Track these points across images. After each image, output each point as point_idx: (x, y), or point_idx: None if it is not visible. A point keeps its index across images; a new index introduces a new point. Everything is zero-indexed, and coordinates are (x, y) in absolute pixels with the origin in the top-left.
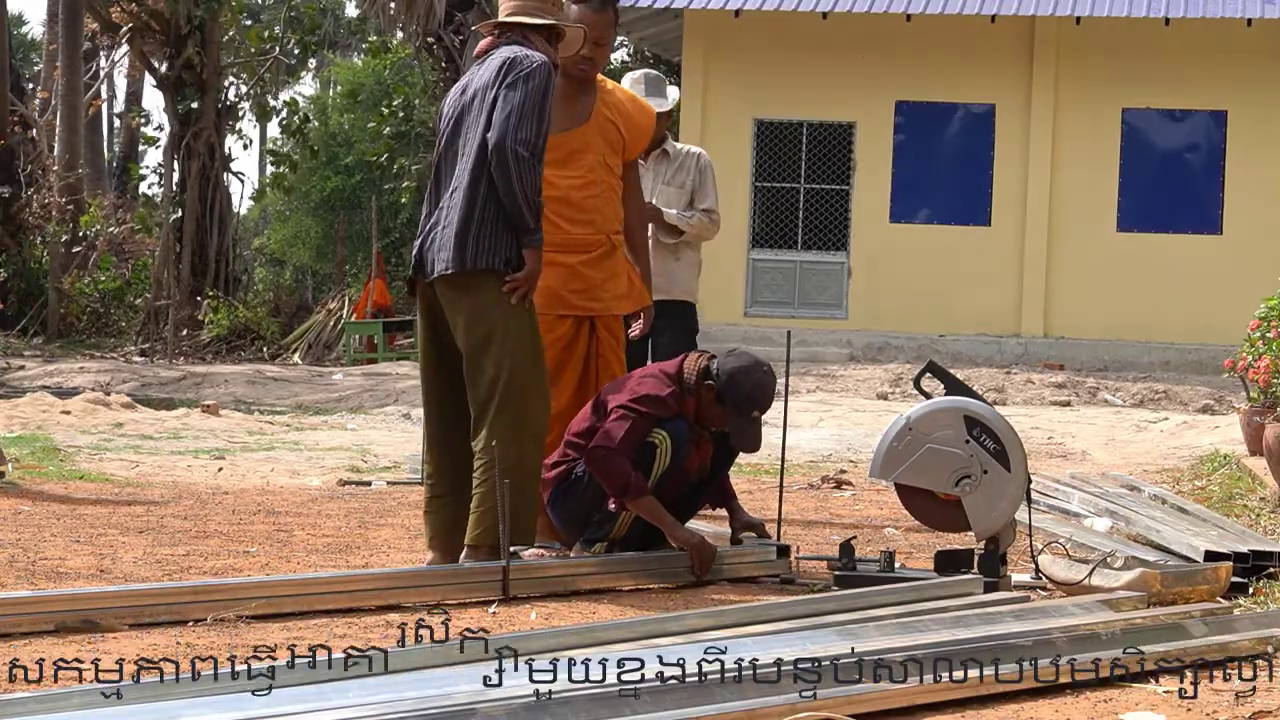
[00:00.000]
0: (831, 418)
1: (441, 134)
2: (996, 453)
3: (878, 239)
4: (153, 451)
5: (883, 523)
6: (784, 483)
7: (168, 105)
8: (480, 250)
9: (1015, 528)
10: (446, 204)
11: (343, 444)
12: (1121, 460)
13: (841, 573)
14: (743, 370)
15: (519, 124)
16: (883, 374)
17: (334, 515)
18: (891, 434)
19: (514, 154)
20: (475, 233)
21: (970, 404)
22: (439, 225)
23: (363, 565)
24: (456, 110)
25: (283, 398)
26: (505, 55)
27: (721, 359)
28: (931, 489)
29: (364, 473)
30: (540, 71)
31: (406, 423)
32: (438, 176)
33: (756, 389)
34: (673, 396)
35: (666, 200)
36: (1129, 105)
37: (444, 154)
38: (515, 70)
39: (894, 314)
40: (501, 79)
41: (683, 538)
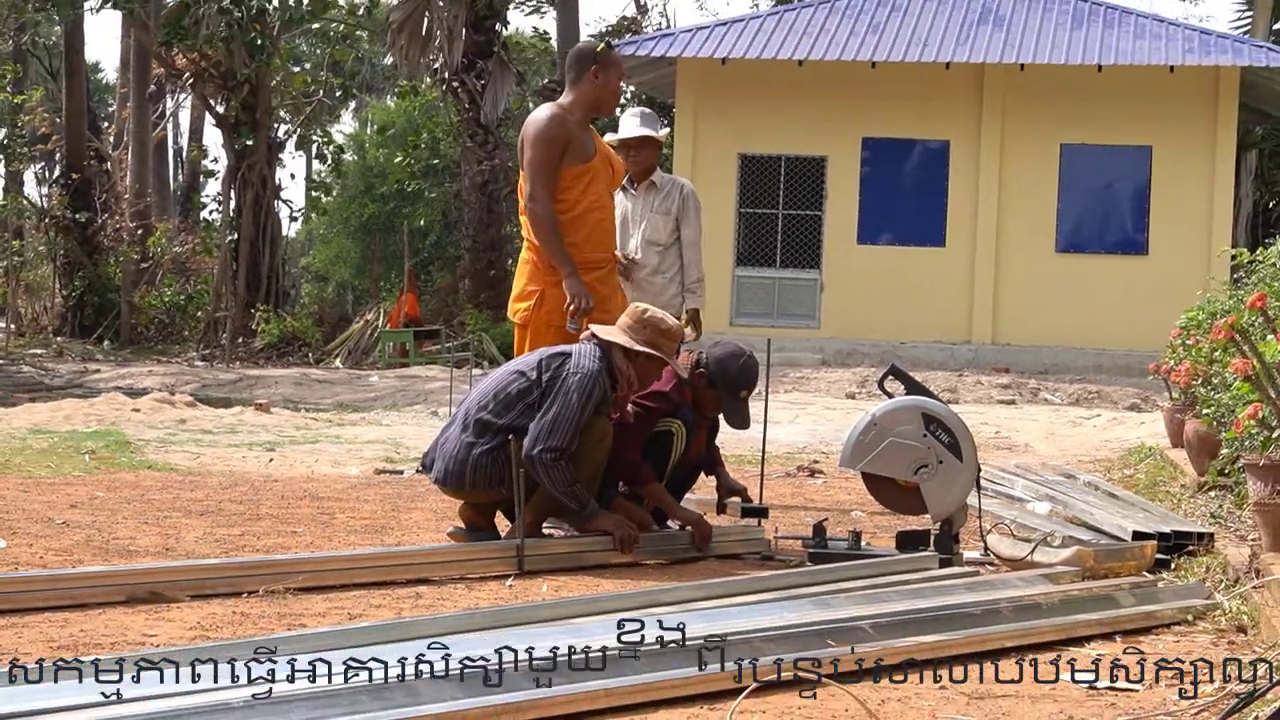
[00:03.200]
0: (806, 415)
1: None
2: (950, 445)
3: (846, 258)
4: (212, 444)
5: (851, 506)
6: (764, 471)
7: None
8: (477, 478)
9: (966, 511)
10: (456, 426)
11: (378, 438)
12: (1059, 452)
13: (815, 550)
14: (729, 356)
15: (550, 434)
16: (850, 376)
17: (370, 500)
18: (859, 429)
19: (541, 462)
20: (471, 473)
21: (927, 403)
22: (446, 440)
23: (395, 544)
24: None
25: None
26: (562, 350)
27: (709, 349)
28: (894, 477)
29: (397, 463)
30: (589, 386)
31: (434, 419)
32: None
33: (743, 370)
34: (675, 389)
35: (654, 226)
36: (1066, 140)
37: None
38: (565, 377)
39: (861, 324)
40: (548, 375)
41: (685, 517)
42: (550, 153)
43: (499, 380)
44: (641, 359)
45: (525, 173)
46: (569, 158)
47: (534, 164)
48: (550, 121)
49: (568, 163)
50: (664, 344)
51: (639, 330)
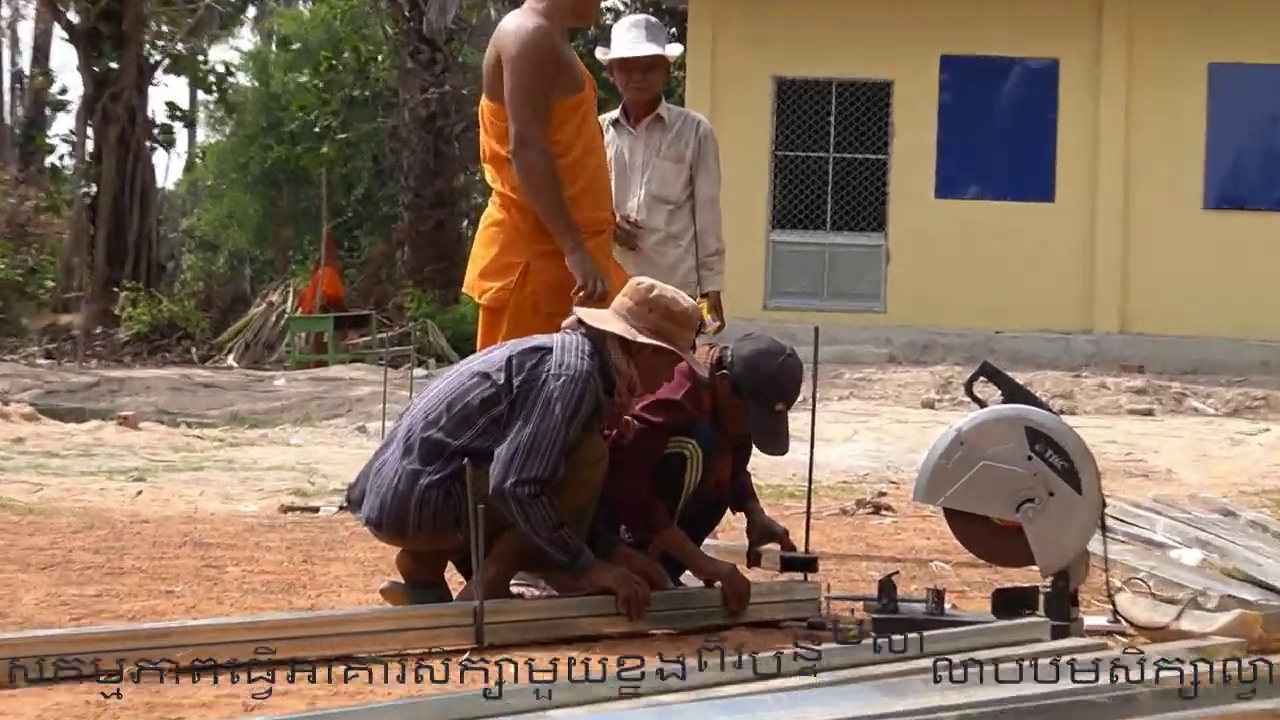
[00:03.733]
0: (868, 430)
1: None
2: (1064, 471)
3: (921, 217)
4: (59, 472)
5: (930, 555)
6: (811, 508)
7: (81, 63)
8: (424, 518)
9: (1088, 561)
10: (396, 448)
11: (285, 462)
12: (1214, 480)
13: (881, 616)
14: (761, 354)
15: (526, 460)
16: (928, 378)
17: (274, 548)
18: (939, 449)
19: (515, 498)
20: (416, 512)
21: (1033, 413)
22: (381, 465)
23: (309, 607)
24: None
25: (214, 407)
26: (538, 343)
27: (736, 344)
28: (987, 514)
29: (311, 497)
30: (576, 393)
31: (361, 437)
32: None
33: (780, 375)
34: (689, 396)
35: (662, 177)
36: (1217, 60)
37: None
38: (544, 380)
39: (941, 306)
40: (522, 378)
41: (711, 569)
42: (542, 78)
43: (454, 386)
44: (647, 354)
45: (510, 107)
46: (560, 86)
47: (522, 94)
48: (537, 35)
49: (558, 93)
50: (676, 333)
51: (643, 314)
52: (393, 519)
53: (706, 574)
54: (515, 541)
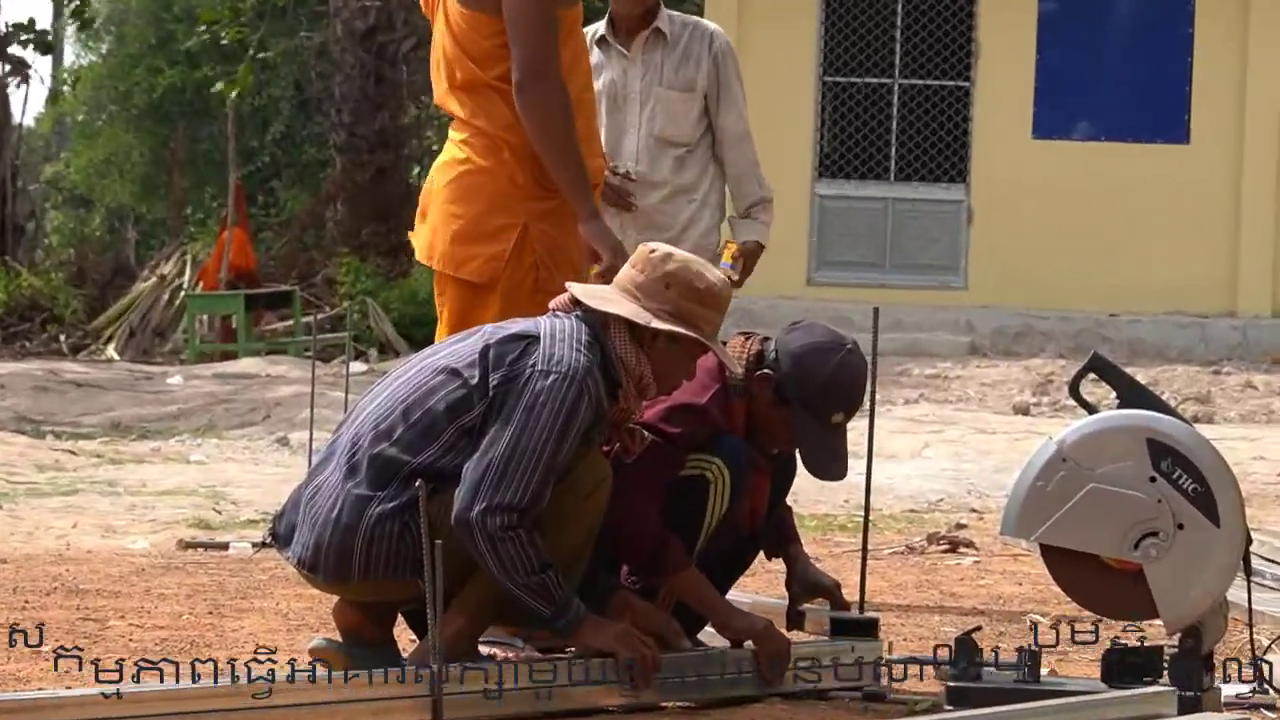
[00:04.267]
0: (943, 442)
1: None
2: (1198, 496)
3: (1014, 165)
4: None
5: (1022, 605)
6: (869, 545)
7: None
8: (374, 559)
9: (1227, 613)
10: (336, 468)
11: (184, 484)
12: None
13: (958, 684)
14: (815, 350)
15: (501, 482)
16: (1022, 374)
17: (171, 595)
18: (1035, 468)
19: (485, 531)
20: (364, 551)
21: (1157, 421)
22: (316, 491)
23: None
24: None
25: (90, 412)
26: (521, 329)
27: (781, 336)
28: (1097, 553)
29: (217, 530)
30: (569, 396)
31: (283, 452)
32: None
33: (839, 377)
34: (716, 401)
35: (668, 111)
36: None
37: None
38: (529, 379)
39: (1038, 281)
40: (500, 376)
41: (742, 627)
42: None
43: (412, 387)
44: (662, 343)
45: (516, 21)
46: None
47: (530, 12)
48: None
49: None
50: (701, 315)
51: (658, 291)
52: (333, 560)
53: (733, 631)
54: (485, 588)
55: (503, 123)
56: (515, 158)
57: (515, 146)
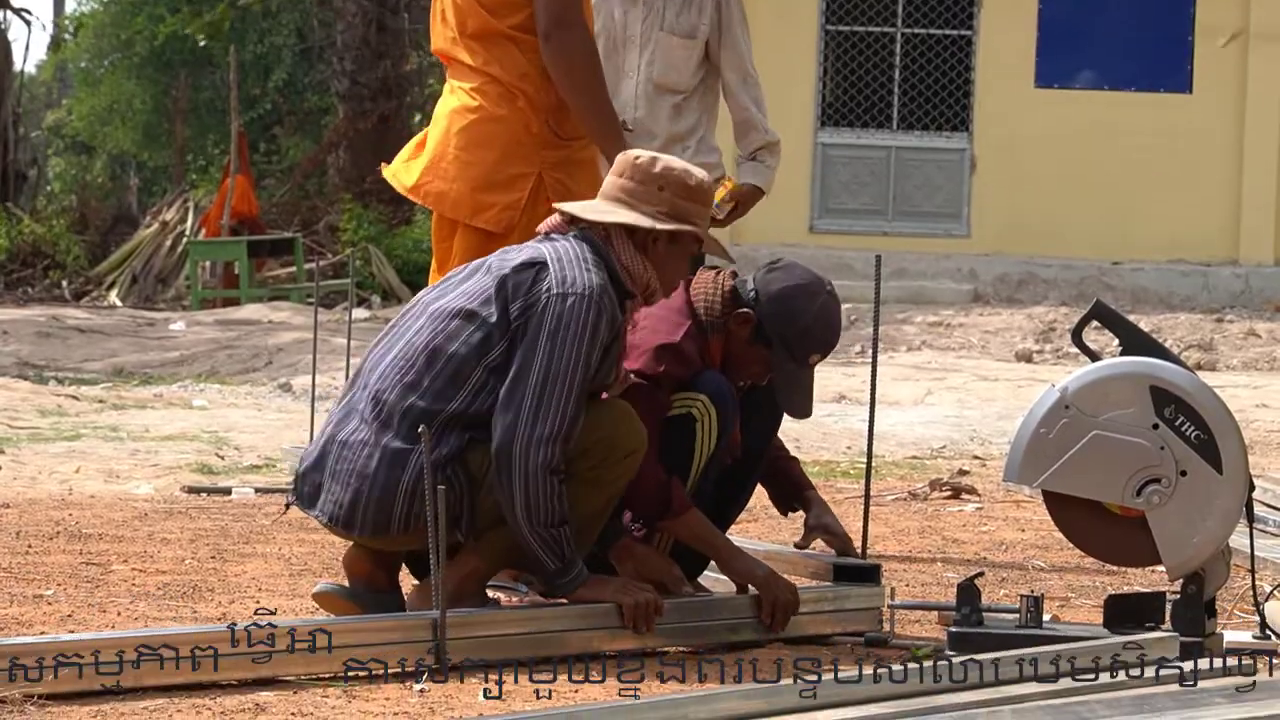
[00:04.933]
0: (945, 389)
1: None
2: (1201, 443)
3: (1016, 114)
4: None
5: (1025, 552)
6: (871, 490)
7: None
8: (414, 513)
9: (1230, 559)
10: (363, 419)
11: (187, 430)
12: None
13: (961, 629)
14: (798, 292)
15: (539, 412)
16: (1025, 322)
17: (174, 540)
18: (1038, 415)
19: (524, 464)
20: (405, 505)
21: (1160, 368)
22: (344, 443)
23: (220, 617)
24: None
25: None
26: (527, 257)
27: (760, 276)
28: (1100, 499)
29: (220, 475)
30: (590, 315)
31: (285, 398)
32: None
33: (821, 320)
34: (691, 338)
35: (668, 56)
36: None
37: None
38: (546, 304)
39: (1041, 229)
40: (521, 306)
41: (746, 570)
42: None
43: (429, 334)
44: (662, 245)
45: None
46: None
47: None
48: None
49: None
50: (696, 213)
51: (651, 194)
52: (372, 515)
53: (735, 573)
54: (508, 535)
55: (517, 71)
56: (530, 106)
57: (530, 95)
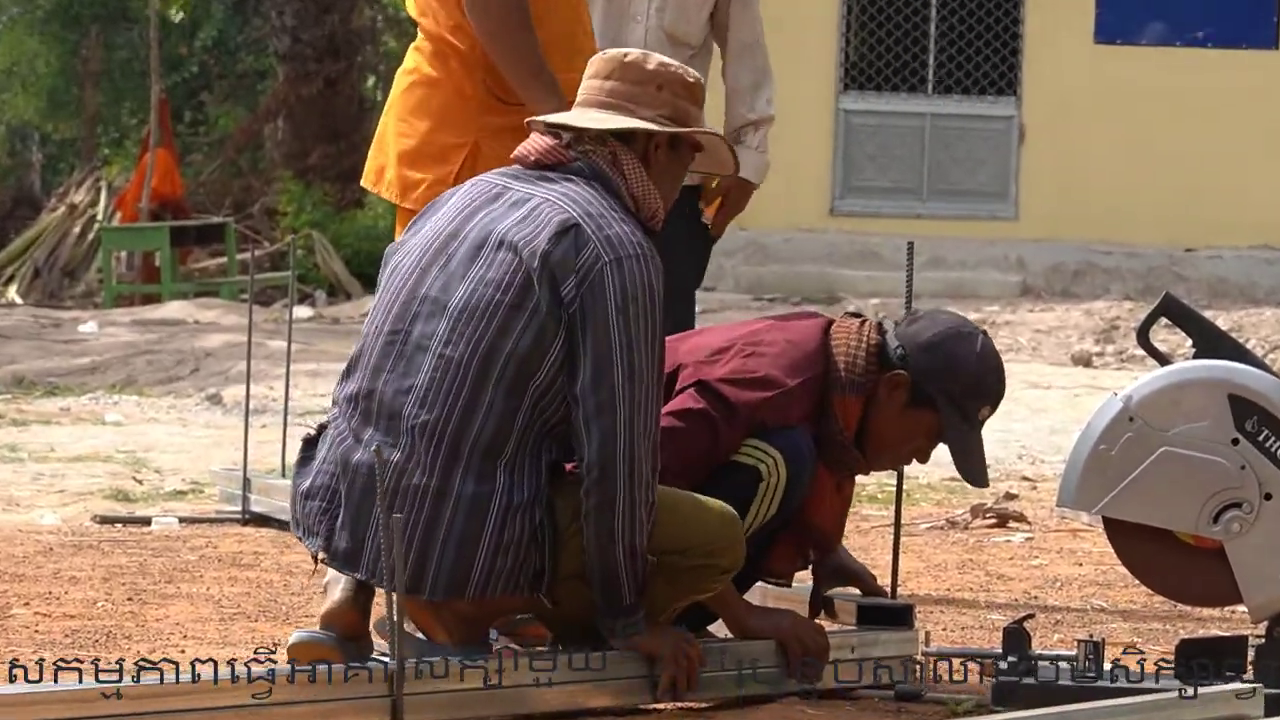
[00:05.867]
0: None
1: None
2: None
3: (1073, 75)
4: None
5: (1082, 590)
6: (902, 519)
7: None
8: (501, 572)
9: None
10: (408, 453)
11: (99, 450)
12: None
13: (1007, 680)
14: (950, 337)
15: (634, 410)
16: (1082, 319)
17: (84, 579)
18: (1099, 429)
19: (629, 470)
20: (488, 563)
21: (1241, 373)
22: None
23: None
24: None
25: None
26: (555, 219)
27: (901, 330)
28: (1171, 527)
29: (138, 502)
30: (649, 272)
31: (215, 410)
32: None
33: (986, 365)
34: (808, 390)
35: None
36: None
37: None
38: (599, 275)
39: (1101, 211)
40: (579, 277)
41: (767, 627)
42: None
43: (469, 338)
44: (662, 155)
45: None
46: None
47: None
48: None
49: None
50: (693, 115)
51: (650, 96)
52: (445, 576)
53: (754, 633)
54: None
55: (448, 23)
56: (463, 65)
57: (462, 52)
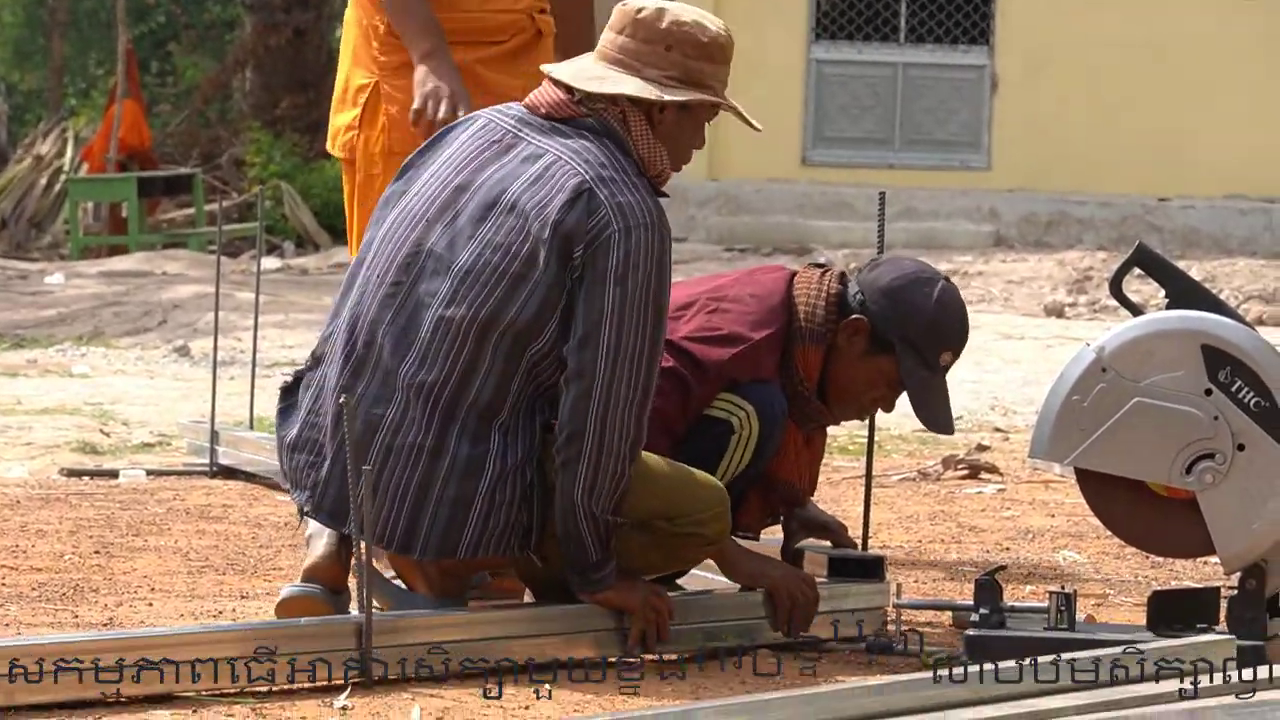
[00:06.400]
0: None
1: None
2: (1262, 412)
3: (1047, 22)
4: None
5: (1054, 541)
6: (873, 470)
7: None
8: (491, 534)
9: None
10: (401, 409)
11: (66, 402)
12: None
13: (979, 632)
14: (909, 281)
15: (613, 378)
16: (1055, 270)
17: (51, 532)
18: (1071, 379)
19: (599, 438)
20: (479, 525)
21: (1214, 323)
22: (387, 449)
23: (105, 623)
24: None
25: None
26: (569, 183)
27: (861, 276)
28: (1143, 478)
29: (106, 455)
30: (657, 242)
31: (183, 362)
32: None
33: (945, 308)
34: (772, 343)
35: None
36: None
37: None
38: (607, 242)
39: (1074, 160)
40: (588, 237)
41: (757, 573)
42: None
43: (470, 301)
44: (671, 116)
45: None
46: None
47: None
48: None
49: None
50: (709, 73)
51: (658, 56)
52: (438, 536)
53: (745, 577)
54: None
55: None
56: (362, 6)
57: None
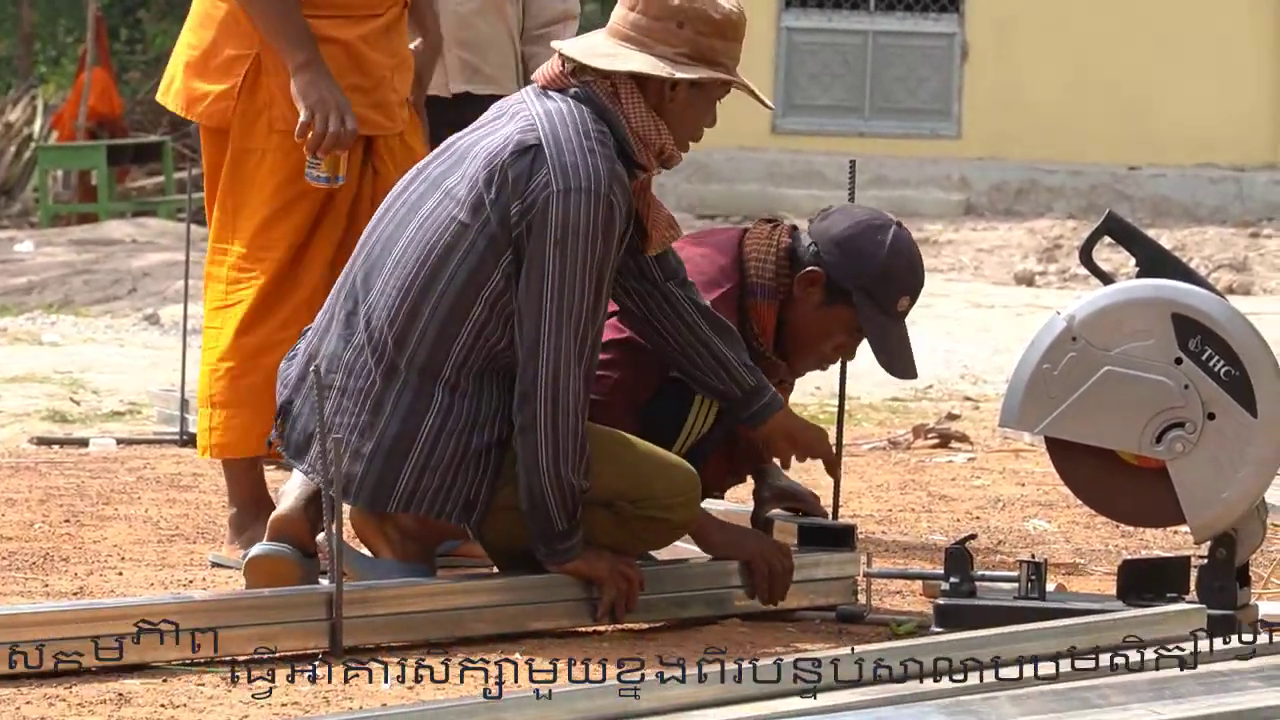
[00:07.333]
0: (932, 318)
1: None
2: (1232, 381)
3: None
4: None
5: (1025, 510)
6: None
7: None
8: (419, 494)
9: (1266, 518)
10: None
11: (36, 370)
12: None
13: (949, 601)
14: (861, 229)
15: (559, 346)
16: (1025, 238)
17: (21, 501)
18: (1041, 348)
19: (551, 404)
20: (412, 476)
21: (1184, 292)
22: (343, 391)
23: (75, 592)
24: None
25: None
26: (524, 137)
27: (815, 225)
28: (1114, 447)
29: (76, 423)
30: (597, 212)
31: (153, 330)
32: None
33: (899, 253)
34: (728, 302)
35: None
36: None
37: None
38: (544, 204)
39: (1044, 129)
40: (523, 205)
41: (733, 544)
42: None
43: (422, 245)
44: (682, 93)
45: None
46: None
47: None
48: None
49: None
50: (721, 50)
51: (669, 32)
52: (370, 486)
53: (723, 551)
54: None
55: None
56: None
57: None
